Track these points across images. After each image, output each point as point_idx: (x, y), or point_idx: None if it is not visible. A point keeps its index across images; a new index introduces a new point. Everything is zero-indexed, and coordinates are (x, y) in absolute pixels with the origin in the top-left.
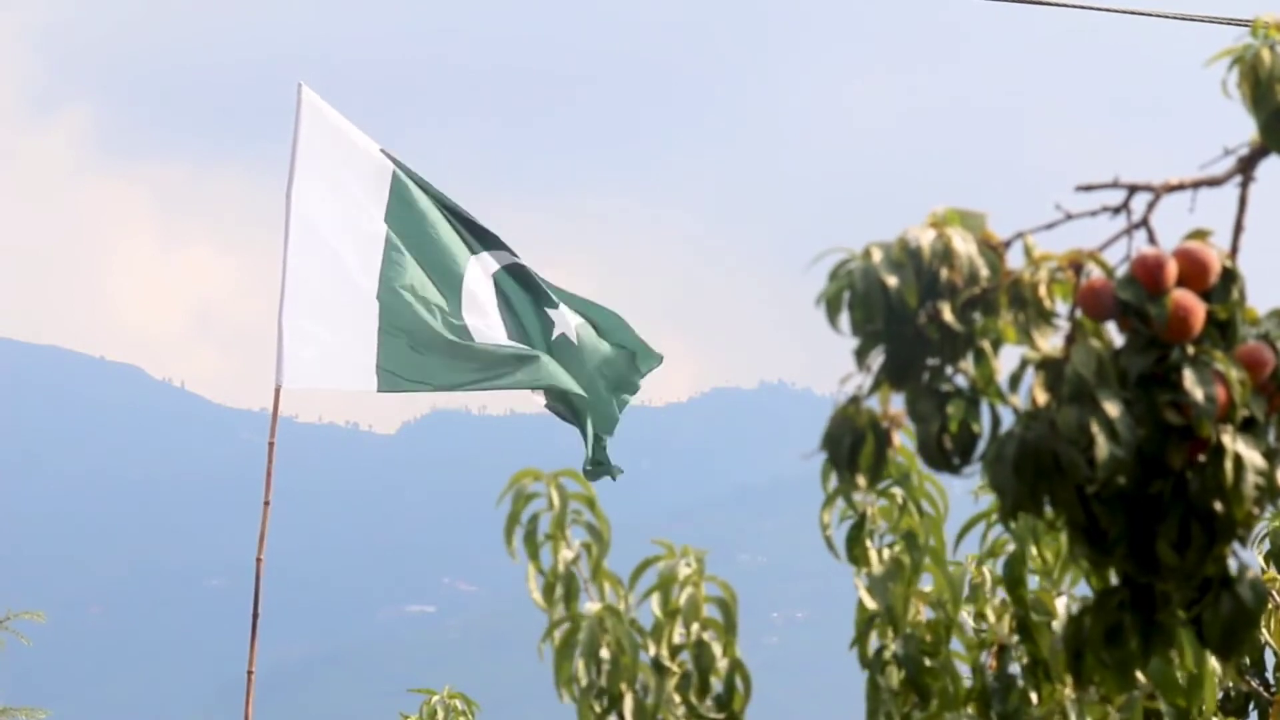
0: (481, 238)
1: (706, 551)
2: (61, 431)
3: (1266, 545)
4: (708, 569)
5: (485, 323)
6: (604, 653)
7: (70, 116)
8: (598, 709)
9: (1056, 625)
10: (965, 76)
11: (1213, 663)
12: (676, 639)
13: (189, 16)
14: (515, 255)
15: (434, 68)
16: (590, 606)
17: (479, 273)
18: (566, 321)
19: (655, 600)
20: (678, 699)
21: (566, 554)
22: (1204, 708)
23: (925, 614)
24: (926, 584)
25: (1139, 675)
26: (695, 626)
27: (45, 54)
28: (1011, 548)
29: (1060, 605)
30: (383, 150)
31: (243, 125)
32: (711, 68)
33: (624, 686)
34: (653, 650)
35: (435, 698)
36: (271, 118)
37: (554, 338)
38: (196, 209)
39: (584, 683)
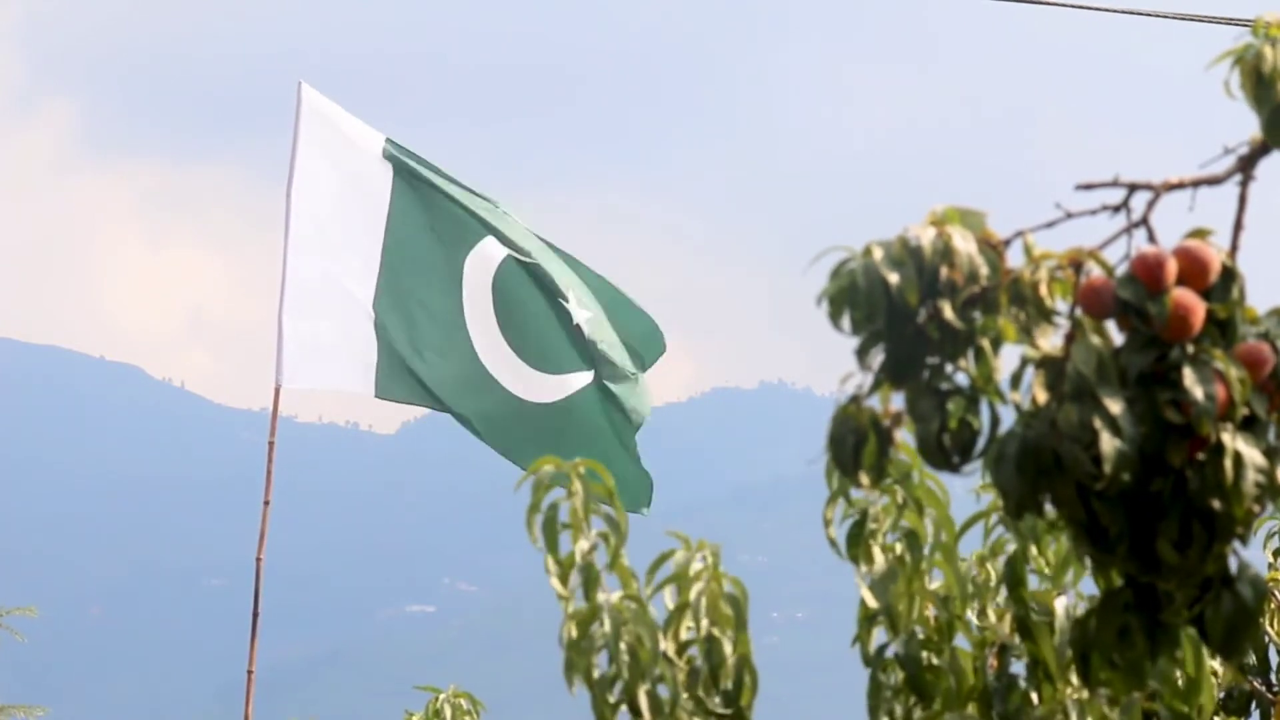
0: (485, 222)
1: (720, 545)
2: (61, 431)
3: (1276, 542)
4: None
5: (483, 323)
6: (623, 644)
7: (55, 113)
8: (612, 700)
9: (1057, 625)
10: (965, 76)
11: (1212, 664)
12: (685, 634)
13: (175, 11)
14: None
15: (431, 65)
16: (610, 596)
17: (482, 265)
18: (580, 315)
19: (667, 594)
20: (685, 694)
21: (583, 544)
22: (1202, 710)
23: (929, 611)
24: (932, 582)
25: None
26: (705, 622)
27: (29, 49)
28: (1012, 547)
29: (1060, 605)
30: (387, 140)
31: (235, 121)
32: (712, 66)
33: (641, 679)
34: (663, 644)
35: (442, 696)
36: (263, 112)
37: (573, 325)
38: (189, 206)
39: (600, 674)
